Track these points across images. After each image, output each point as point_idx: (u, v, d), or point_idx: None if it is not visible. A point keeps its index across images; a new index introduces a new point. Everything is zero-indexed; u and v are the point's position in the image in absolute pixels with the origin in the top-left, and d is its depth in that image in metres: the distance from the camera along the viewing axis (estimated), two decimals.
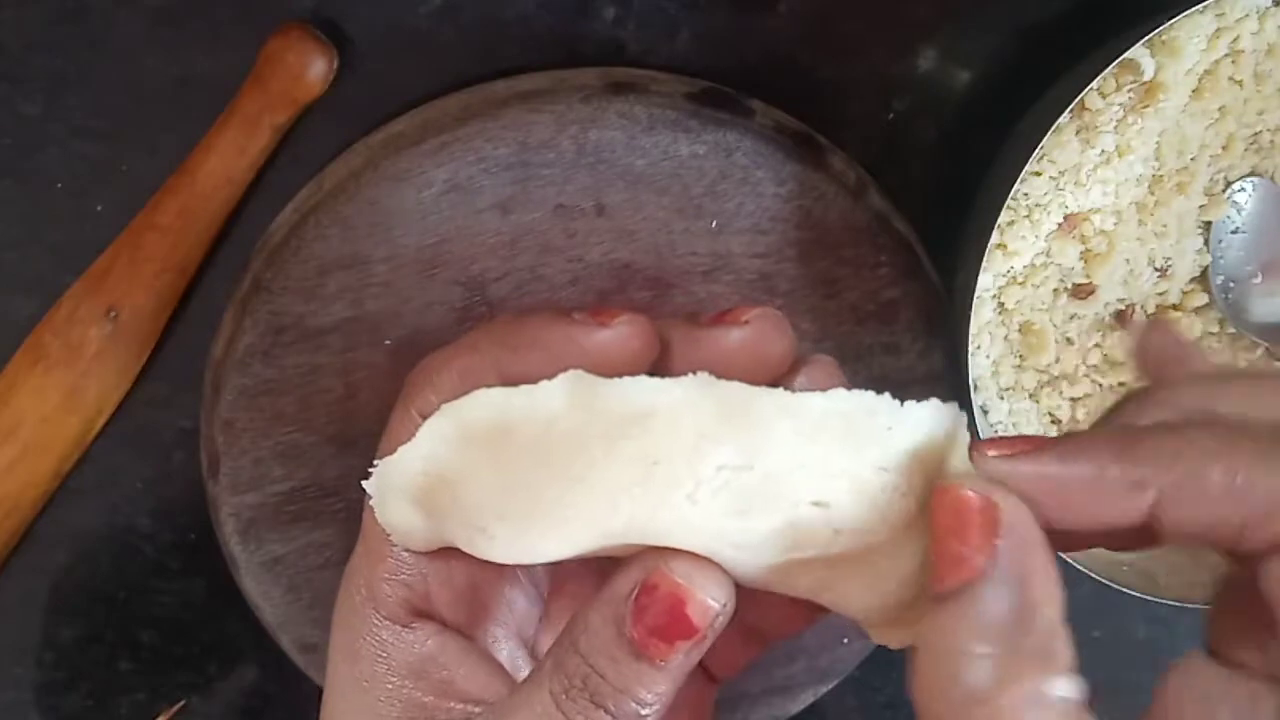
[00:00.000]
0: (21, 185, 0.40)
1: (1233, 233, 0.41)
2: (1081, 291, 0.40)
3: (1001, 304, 0.40)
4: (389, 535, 0.26)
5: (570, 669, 0.23)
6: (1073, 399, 0.41)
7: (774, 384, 0.24)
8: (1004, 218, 0.37)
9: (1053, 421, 0.42)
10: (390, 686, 0.26)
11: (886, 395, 0.23)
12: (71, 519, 0.43)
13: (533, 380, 0.24)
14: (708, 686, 0.30)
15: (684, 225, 0.39)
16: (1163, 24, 0.35)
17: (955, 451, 0.23)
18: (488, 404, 0.24)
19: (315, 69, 0.37)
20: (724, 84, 0.39)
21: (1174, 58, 0.37)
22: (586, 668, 0.23)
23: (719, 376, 0.23)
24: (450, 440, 0.24)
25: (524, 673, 0.29)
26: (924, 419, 0.23)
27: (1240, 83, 0.39)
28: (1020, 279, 0.40)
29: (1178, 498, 0.21)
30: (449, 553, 0.26)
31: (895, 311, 0.40)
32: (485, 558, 0.25)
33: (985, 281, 0.39)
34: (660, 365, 0.25)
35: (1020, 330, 0.41)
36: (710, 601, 0.23)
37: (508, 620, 0.30)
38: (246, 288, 0.38)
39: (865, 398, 0.23)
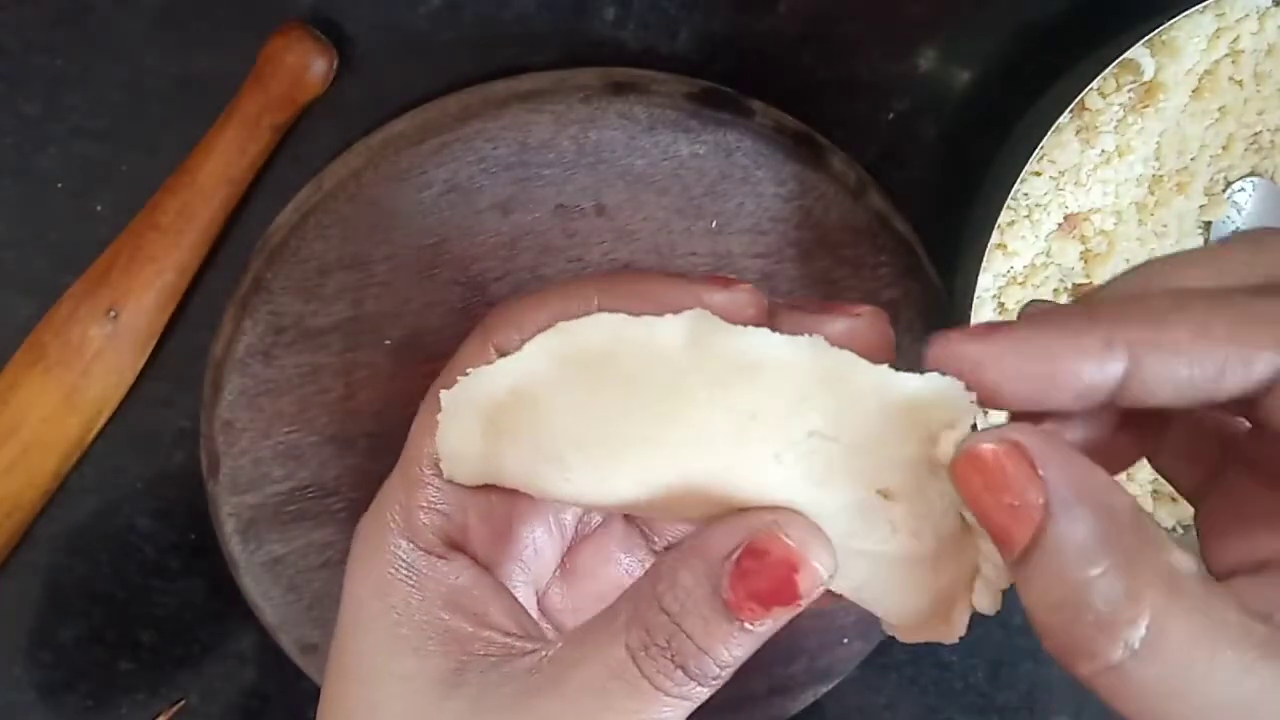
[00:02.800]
0: (21, 185, 0.40)
1: (1233, 233, 0.41)
2: (1081, 291, 0.40)
3: (1001, 304, 0.40)
4: (436, 462, 0.26)
5: (653, 625, 0.23)
6: None
7: None
8: (1004, 218, 0.37)
9: None
10: (426, 617, 0.25)
11: (967, 394, 0.22)
12: (71, 519, 0.43)
13: None
14: None
15: (684, 225, 0.39)
16: (1163, 24, 0.35)
17: (955, 431, 0.22)
18: (604, 328, 0.24)
19: (315, 69, 0.37)
20: (724, 84, 0.39)
21: (1174, 58, 0.37)
22: (673, 626, 0.22)
23: None
24: (554, 359, 0.24)
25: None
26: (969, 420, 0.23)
27: (1240, 83, 0.39)
28: (1020, 279, 0.40)
29: (1150, 354, 0.21)
30: (488, 488, 0.26)
31: (895, 311, 0.40)
32: (546, 491, 0.24)
33: (985, 281, 0.39)
34: None
35: None
36: (821, 570, 0.22)
37: (530, 565, 0.29)
38: (246, 288, 0.38)
39: (955, 388, 0.22)
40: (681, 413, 0.23)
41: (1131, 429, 0.24)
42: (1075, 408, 0.22)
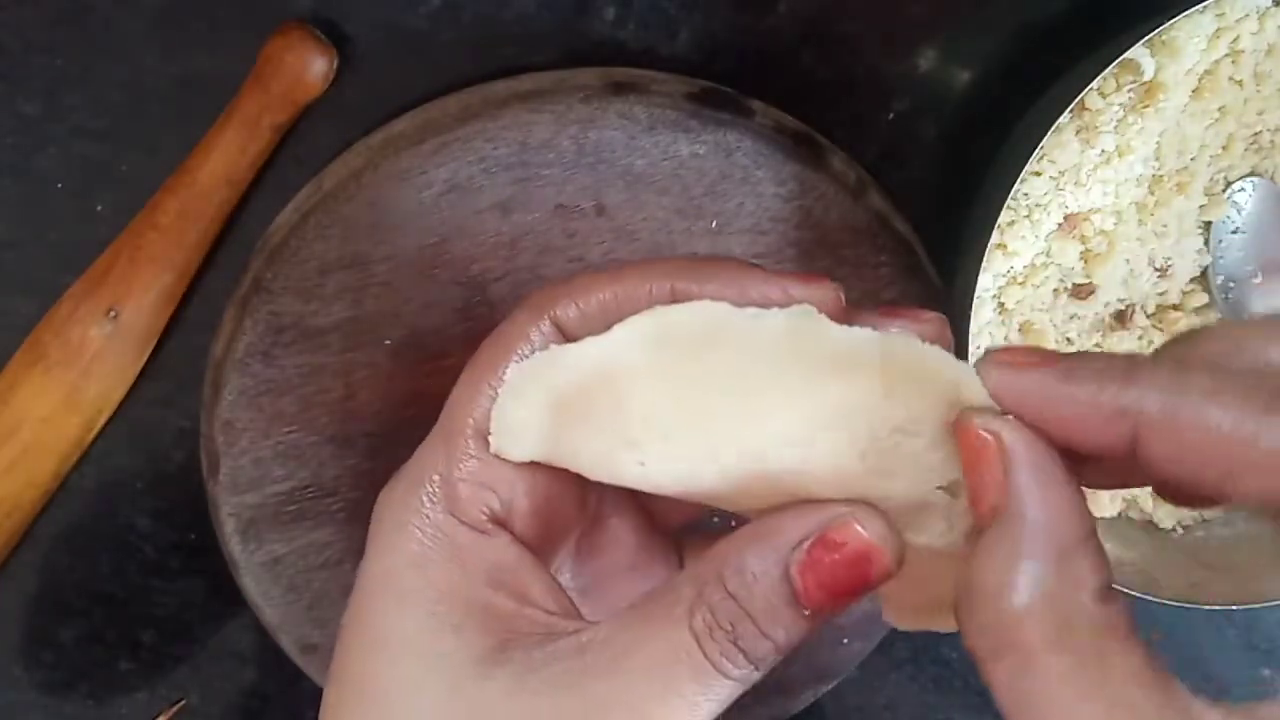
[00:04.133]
0: (21, 185, 0.40)
1: (1233, 233, 0.41)
2: (1082, 291, 0.40)
3: (1001, 304, 0.40)
4: (482, 434, 0.25)
5: (719, 609, 0.23)
6: None
7: None
8: (1004, 217, 0.37)
9: None
10: (468, 594, 0.25)
11: None
12: (72, 519, 0.43)
13: None
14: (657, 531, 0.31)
15: (684, 225, 0.39)
16: (1163, 24, 0.35)
17: (971, 384, 0.23)
18: (706, 315, 0.24)
19: (315, 69, 0.37)
20: (724, 84, 0.39)
21: (1174, 58, 0.37)
22: (739, 610, 0.23)
23: None
24: (646, 342, 0.24)
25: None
26: None
27: (1240, 83, 0.39)
28: (1020, 279, 0.40)
29: (1155, 432, 0.21)
30: (534, 466, 0.26)
31: None
32: (616, 474, 0.24)
33: (985, 281, 0.39)
34: None
35: (1020, 330, 0.41)
36: (892, 563, 0.23)
37: (568, 546, 0.29)
38: (246, 288, 0.38)
39: None
40: (777, 406, 0.23)
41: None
42: (1091, 453, 0.22)
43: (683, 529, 0.32)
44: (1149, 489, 0.43)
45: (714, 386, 0.23)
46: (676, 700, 0.23)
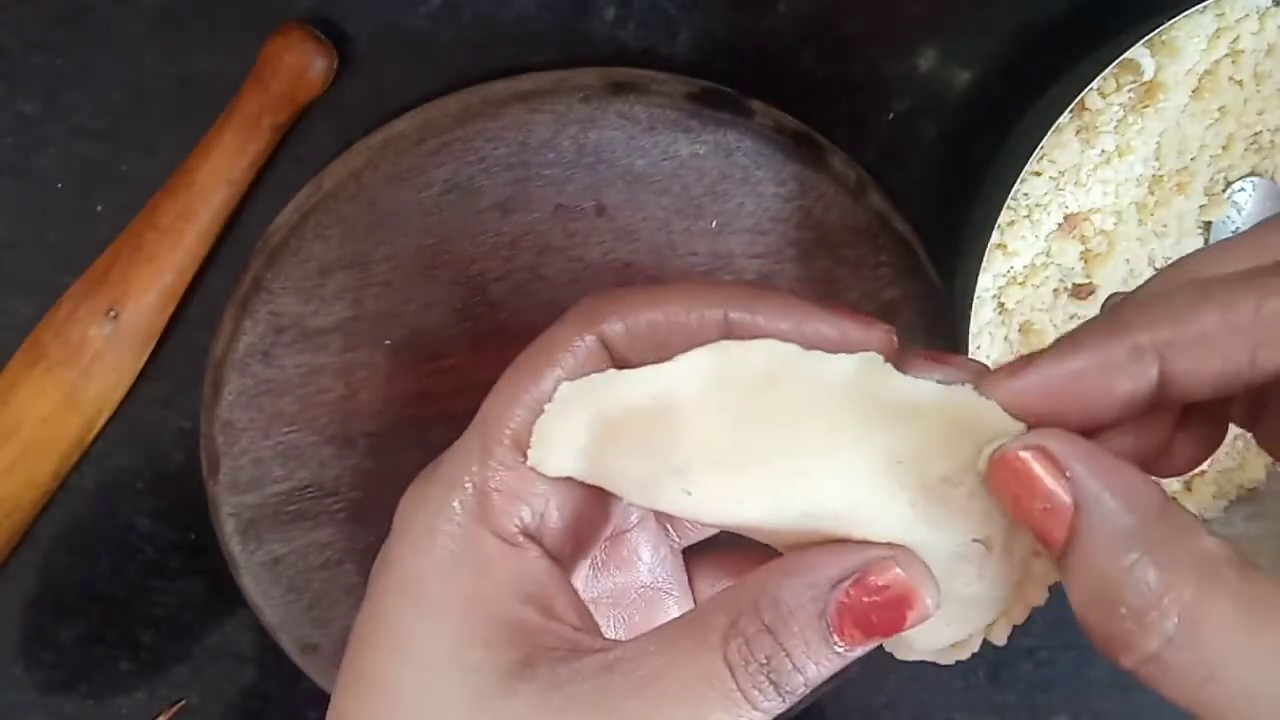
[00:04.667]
0: (21, 185, 0.40)
1: (1233, 233, 0.41)
2: (1082, 292, 0.40)
3: (1001, 304, 0.40)
4: (520, 444, 0.25)
5: (754, 640, 0.23)
6: None
7: None
8: (1004, 218, 0.37)
9: None
10: (496, 607, 0.25)
11: None
12: (71, 519, 0.43)
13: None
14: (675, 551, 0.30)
15: (684, 225, 0.39)
16: (1163, 24, 0.35)
17: (984, 424, 0.23)
18: (773, 353, 0.24)
19: (315, 69, 0.37)
20: (724, 84, 0.39)
21: (1174, 58, 0.37)
22: (775, 644, 0.23)
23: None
24: (708, 375, 0.24)
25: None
26: None
27: (1240, 83, 0.39)
28: (1020, 279, 0.40)
29: (1180, 352, 0.21)
30: (568, 482, 0.26)
31: (895, 311, 0.40)
32: (657, 500, 0.24)
33: (985, 281, 0.39)
34: None
35: (1020, 330, 0.41)
36: (930, 607, 0.23)
37: (588, 561, 0.29)
38: (246, 288, 0.38)
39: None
40: (834, 448, 0.23)
41: (1198, 422, 0.24)
42: (1125, 417, 0.22)
43: (692, 546, 0.32)
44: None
45: (772, 424, 0.24)
46: None
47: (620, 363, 0.25)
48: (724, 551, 0.33)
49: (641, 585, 0.31)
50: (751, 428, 0.24)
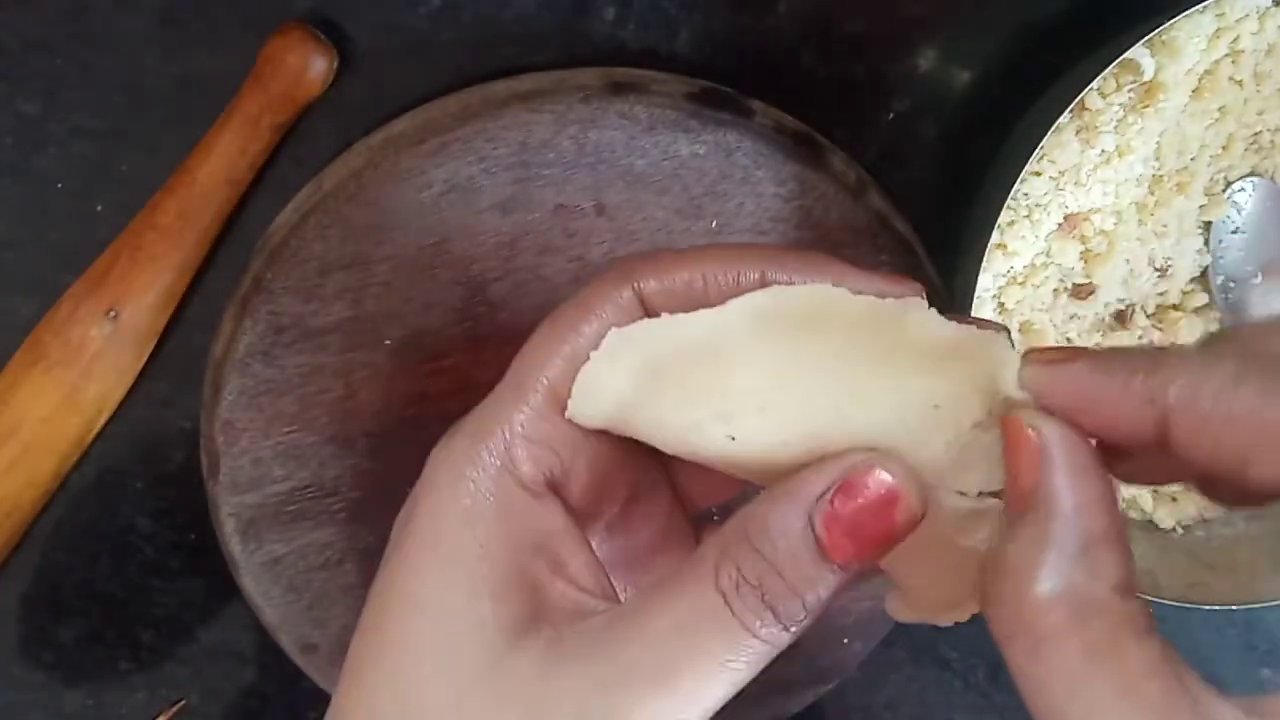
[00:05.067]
0: (21, 185, 0.40)
1: (1233, 233, 0.41)
2: (1082, 291, 0.40)
3: (1002, 304, 0.40)
4: (555, 394, 0.25)
5: (745, 565, 0.23)
6: None
7: None
8: (1004, 218, 0.37)
9: None
10: (510, 559, 0.24)
11: None
12: (71, 519, 0.43)
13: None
14: (682, 513, 0.30)
15: (684, 225, 0.39)
16: (1163, 24, 0.35)
17: (1008, 373, 0.24)
18: (819, 297, 0.24)
19: (315, 69, 0.37)
20: (724, 84, 0.39)
21: (1174, 58, 0.37)
22: (764, 565, 0.23)
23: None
24: (756, 319, 0.24)
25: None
26: None
27: (1240, 83, 0.39)
28: (1020, 279, 0.40)
29: (1179, 416, 0.21)
30: (599, 435, 0.25)
31: None
32: (699, 447, 0.24)
33: (985, 281, 0.39)
34: None
35: (1020, 330, 0.41)
36: (916, 506, 0.23)
37: (602, 521, 0.28)
38: (246, 288, 0.38)
39: None
40: (874, 393, 0.24)
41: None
42: (1131, 443, 0.23)
43: (702, 515, 0.32)
44: (1148, 489, 0.43)
45: (818, 366, 0.24)
46: (704, 659, 0.23)
47: (651, 310, 0.25)
48: None
49: (652, 551, 0.30)
50: (796, 370, 0.24)
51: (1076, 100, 0.35)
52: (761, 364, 0.24)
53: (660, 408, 0.25)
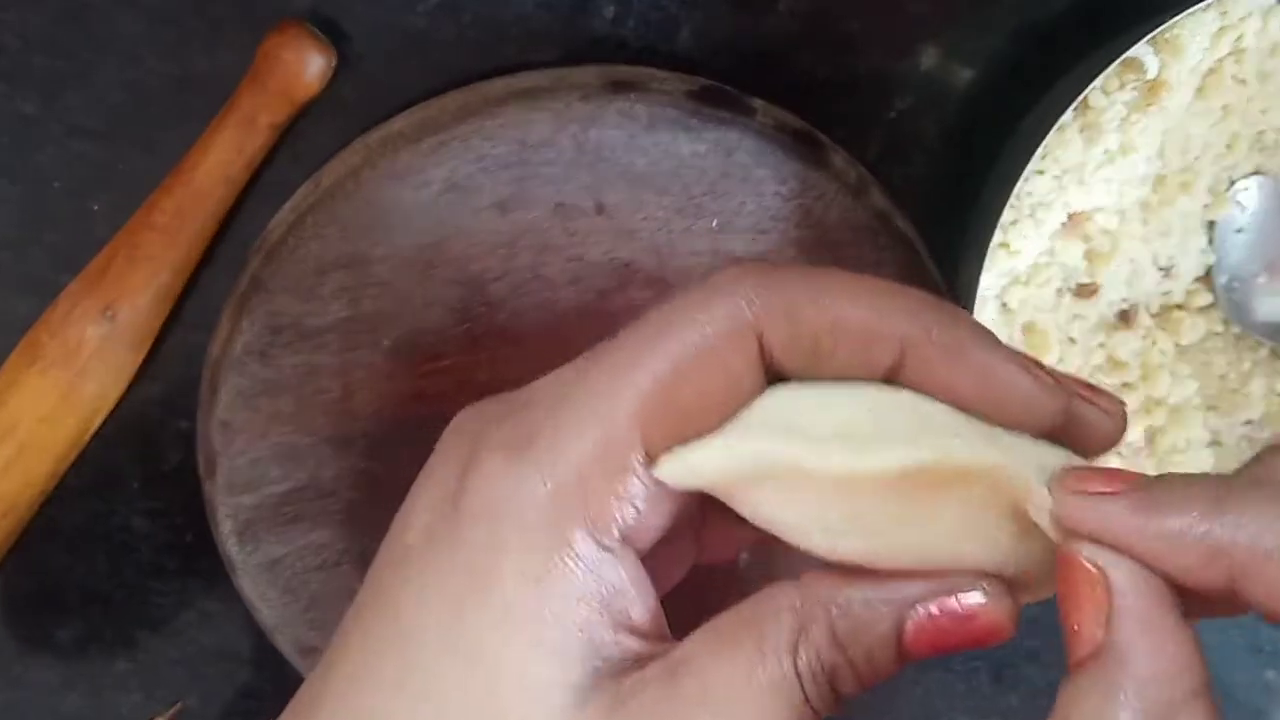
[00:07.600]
0: (19, 184, 0.40)
1: (1237, 232, 0.41)
2: (1085, 291, 0.40)
3: (1004, 304, 0.40)
4: (644, 447, 0.23)
5: (825, 654, 0.22)
6: None
7: None
8: (1007, 217, 0.37)
9: None
10: (578, 620, 0.23)
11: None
12: (68, 519, 0.43)
13: None
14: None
15: (685, 224, 0.38)
16: (1166, 22, 0.35)
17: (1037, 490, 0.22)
18: (990, 479, 0.23)
19: (313, 67, 0.37)
20: (725, 82, 0.39)
21: (1177, 56, 0.37)
22: (843, 659, 0.23)
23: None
24: (903, 476, 0.23)
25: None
26: None
27: (1244, 81, 0.39)
28: (1023, 279, 0.40)
29: (1249, 572, 0.20)
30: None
31: None
32: (789, 538, 0.23)
33: (988, 281, 0.39)
34: None
35: (1023, 330, 0.40)
36: (1008, 629, 0.23)
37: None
38: (244, 287, 0.38)
39: None
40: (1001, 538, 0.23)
41: None
42: (1192, 589, 0.21)
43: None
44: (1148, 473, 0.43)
45: (921, 521, 0.23)
46: None
47: (768, 358, 0.24)
48: (743, 569, 0.33)
49: (670, 584, 0.30)
50: (904, 518, 0.23)
51: (1080, 99, 0.35)
52: (875, 495, 0.23)
53: (765, 498, 0.24)
